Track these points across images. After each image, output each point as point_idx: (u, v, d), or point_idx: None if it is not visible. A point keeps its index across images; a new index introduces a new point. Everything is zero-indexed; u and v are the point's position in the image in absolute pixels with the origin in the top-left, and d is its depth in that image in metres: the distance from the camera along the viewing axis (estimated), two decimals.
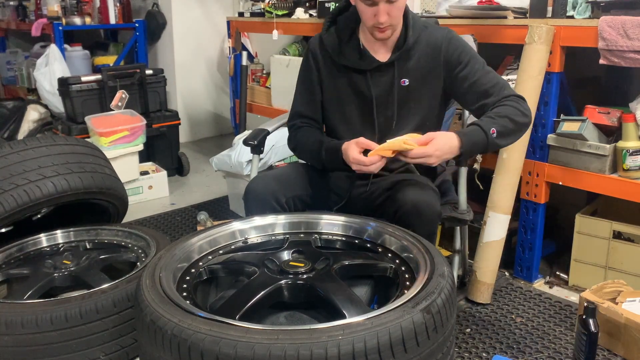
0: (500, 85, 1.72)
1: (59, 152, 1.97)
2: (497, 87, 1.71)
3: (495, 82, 1.72)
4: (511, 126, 1.65)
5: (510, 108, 1.66)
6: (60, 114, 3.66)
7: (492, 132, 1.61)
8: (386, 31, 1.68)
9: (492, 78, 1.73)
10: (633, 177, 1.97)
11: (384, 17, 1.63)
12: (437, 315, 1.14)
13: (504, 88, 1.72)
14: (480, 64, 1.74)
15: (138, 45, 4.35)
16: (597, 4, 2.00)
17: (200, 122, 4.81)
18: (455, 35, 1.77)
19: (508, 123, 1.64)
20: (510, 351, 1.84)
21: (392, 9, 1.63)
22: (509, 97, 1.69)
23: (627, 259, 2.08)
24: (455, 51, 1.73)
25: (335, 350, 1.02)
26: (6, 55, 5.16)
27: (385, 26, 1.66)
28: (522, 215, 2.28)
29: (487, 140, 1.61)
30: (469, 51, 1.76)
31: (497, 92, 1.70)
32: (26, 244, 2.06)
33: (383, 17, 1.63)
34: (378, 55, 1.76)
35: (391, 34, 1.70)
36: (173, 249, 1.44)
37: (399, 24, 1.73)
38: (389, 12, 1.63)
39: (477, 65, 1.73)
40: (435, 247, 1.43)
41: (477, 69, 1.73)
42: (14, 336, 1.54)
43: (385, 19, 1.63)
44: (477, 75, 1.72)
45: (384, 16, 1.63)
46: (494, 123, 1.63)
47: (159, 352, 1.11)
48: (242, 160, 2.81)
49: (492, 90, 1.71)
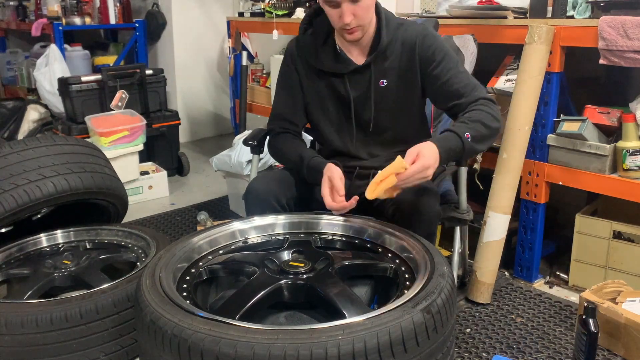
0: (471, 86, 1.70)
1: (59, 152, 1.97)
2: (469, 87, 1.69)
3: (467, 82, 1.70)
4: (485, 131, 1.62)
5: (482, 113, 1.64)
6: (60, 114, 3.66)
7: (466, 136, 1.58)
8: (355, 32, 1.66)
9: (464, 78, 1.71)
10: (633, 177, 1.97)
11: (348, 18, 1.61)
12: (437, 315, 1.14)
13: (475, 89, 1.70)
14: (454, 63, 1.72)
15: (138, 45, 4.35)
16: (597, 4, 2.00)
17: (200, 122, 4.81)
18: (430, 33, 1.75)
19: (481, 128, 1.61)
20: (510, 351, 1.84)
21: (357, 9, 1.61)
22: (479, 100, 1.67)
23: (627, 259, 2.08)
24: (430, 48, 1.71)
25: (335, 350, 1.02)
26: (6, 55, 5.16)
27: (353, 27, 1.64)
28: (522, 215, 2.28)
29: (463, 145, 1.57)
30: (443, 49, 1.73)
31: (468, 92, 1.68)
32: (26, 244, 2.06)
33: (348, 17, 1.61)
34: (354, 57, 1.75)
35: (361, 34, 1.68)
36: (173, 249, 1.44)
37: (369, 24, 1.70)
38: (354, 13, 1.61)
39: (450, 64, 1.71)
40: (435, 247, 1.43)
41: (450, 68, 1.70)
42: (14, 336, 1.54)
43: (350, 19, 1.61)
44: (449, 74, 1.70)
45: (348, 17, 1.61)
46: (468, 128, 1.60)
47: (159, 352, 1.11)
48: (242, 160, 2.81)
49: (464, 91, 1.68)
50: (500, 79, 2.31)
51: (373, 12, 1.70)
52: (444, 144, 1.55)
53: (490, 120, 1.63)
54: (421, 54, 1.72)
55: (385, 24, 1.72)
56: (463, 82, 1.70)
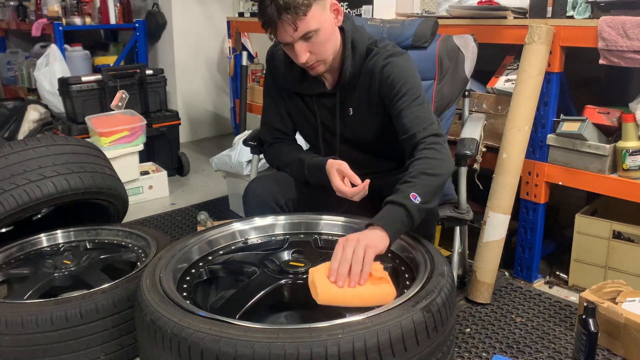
0: (421, 121, 1.55)
1: (59, 152, 1.97)
2: (417, 122, 1.54)
3: (417, 115, 1.56)
4: (433, 181, 1.43)
5: (426, 161, 1.46)
6: (61, 114, 3.66)
7: (412, 197, 1.37)
8: (316, 67, 1.58)
9: (416, 111, 1.57)
10: (633, 177, 1.97)
11: (304, 57, 1.52)
12: (437, 314, 1.14)
13: (425, 124, 1.54)
14: (410, 94, 1.58)
15: (138, 45, 4.35)
16: (597, 4, 2.00)
17: (200, 122, 4.81)
18: (391, 61, 1.62)
19: (428, 179, 1.42)
20: (510, 351, 1.84)
21: (312, 46, 1.52)
22: (427, 138, 1.51)
23: (627, 259, 2.08)
24: (388, 78, 1.61)
25: (335, 349, 1.02)
26: (6, 55, 5.16)
27: (312, 63, 1.56)
28: (522, 215, 2.28)
29: (409, 212, 1.35)
30: (402, 78, 1.60)
31: (414, 128, 1.54)
32: (26, 244, 2.06)
33: (303, 56, 1.52)
34: (326, 78, 1.70)
35: (324, 68, 1.60)
36: (173, 249, 1.44)
37: (332, 55, 1.60)
38: (310, 50, 1.53)
39: (407, 95, 1.58)
40: (435, 247, 1.43)
41: (404, 100, 1.58)
42: (14, 336, 1.54)
43: (306, 57, 1.53)
44: (402, 107, 1.58)
45: (303, 55, 1.52)
46: (413, 187, 1.39)
47: (159, 351, 1.12)
48: (242, 160, 2.82)
49: (410, 126, 1.55)
50: (500, 79, 2.31)
51: (335, 42, 1.60)
52: (387, 221, 1.34)
53: (436, 166, 1.46)
54: (381, 83, 1.62)
55: (350, 54, 1.63)
56: (413, 114, 1.56)
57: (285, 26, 1.48)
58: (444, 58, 2.06)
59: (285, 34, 1.50)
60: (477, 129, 2.03)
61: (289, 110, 1.82)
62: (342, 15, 1.61)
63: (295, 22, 1.46)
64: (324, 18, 1.53)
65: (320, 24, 1.51)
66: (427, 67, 2.07)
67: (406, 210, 1.35)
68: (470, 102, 2.26)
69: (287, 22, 1.47)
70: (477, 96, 2.33)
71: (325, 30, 1.53)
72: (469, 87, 2.17)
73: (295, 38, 1.50)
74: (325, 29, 1.53)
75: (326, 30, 1.53)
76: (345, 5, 2.85)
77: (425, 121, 1.55)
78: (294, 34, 1.49)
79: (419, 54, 2.07)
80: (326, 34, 1.53)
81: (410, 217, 1.36)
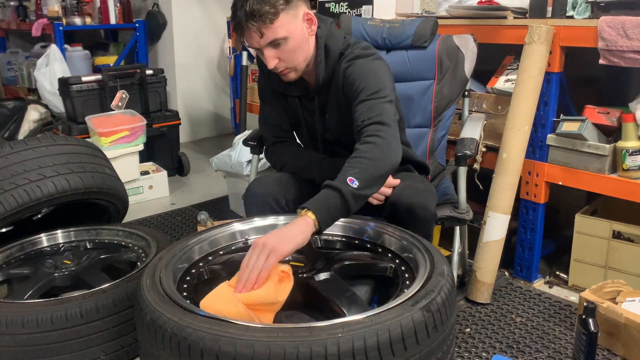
0: (369, 112, 1.50)
1: (59, 152, 1.97)
2: (365, 114, 1.50)
3: (369, 107, 1.52)
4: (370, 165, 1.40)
5: (365, 146, 1.44)
6: (61, 114, 3.66)
7: (349, 181, 1.34)
8: (288, 74, 1.60)
9: (368, 104, 1.52)
10: (633, 177, 1.97)
11: (272, 63, 1.54)
12: (437, 314, 1.14)
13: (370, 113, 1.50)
14: (367, 90, 1.54)
15: (138, 45, 4.36)
16: (597, 4, 2.00)
17: (200, 122, 4.81)
18: (355, 62, 1.61)
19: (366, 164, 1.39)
20: (510, 351, 1.84)
21: (281, 53, 1.54)
22: (372, 125, 1.47)
23: (627, 259, 2.08)
24: (350, 76, 1.60)
25: (334, 348, 1.02)
26: (7, 55, 5.17)
27: (282, 70, 1.58)
28: (522, 215, 2.28)
29: (345, 198, 1.33)
30: (361, 74, 1.58)
31: (361, 117, 1.50)
32: (26, 244, 2.06)
33: (272, 62, 1.54)
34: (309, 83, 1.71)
35: (296, 75, 1.62)
36: (173, 249, 1.44)
37: (304, 62, 1.60)
38: (279, 57, 1.54)
39: (364, 92, 1.55)
40: (434, 247, 1.43)
41: (361, 96, 1.55)
42: (14, 336, 1.54)
43: (275, 63, 1.54)
44: (357, 102, 1.55)
45: (272, 62, 1.54)
46: (350, 171, 1.37)
47: (159, 350, 1.12)
48: (242, 160, 2.82)
49: (358, 117, 1.52)
50: (500, 79, 2.31)
51: (307, 50, 1.60)
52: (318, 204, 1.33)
53: (375, 152, 1.42)
54: (344, 84, 1.63)
55: (323, 59, 1.63)
56: (365, 107, 1.52)
57: (251, 32, 1.51)
58: (443, 58, 2.06)
59: (252, 40, 1.53)
60: (477, 129, 2.03)
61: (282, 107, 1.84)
62: (316, 25, 1.62)
63: (261, 29, 1.49)
64: (294, 27, 1.54)
65: (289, 32, 1.52)
66: (427, 67, 2.07)
67: (342, 196, 1.34)
68: (470, 102, 2.26)
69: (253, 29, 1.50)
70: (477, 96, 2.33)
71: (295, 39, 1.54)
72: (469, 87, 2.17)
73: (262, 44, 1.53)
74: (295, 37, 1.54)
75: (296, 39, 1.54)
76: (345, 5, 2.85)
77: (374, 111, 1.51)
78: (260, 41, 1.52)
79: (418, 53, 2.08)
80: (296, 42, 1.55)
81: (345, 203, 1.34)
